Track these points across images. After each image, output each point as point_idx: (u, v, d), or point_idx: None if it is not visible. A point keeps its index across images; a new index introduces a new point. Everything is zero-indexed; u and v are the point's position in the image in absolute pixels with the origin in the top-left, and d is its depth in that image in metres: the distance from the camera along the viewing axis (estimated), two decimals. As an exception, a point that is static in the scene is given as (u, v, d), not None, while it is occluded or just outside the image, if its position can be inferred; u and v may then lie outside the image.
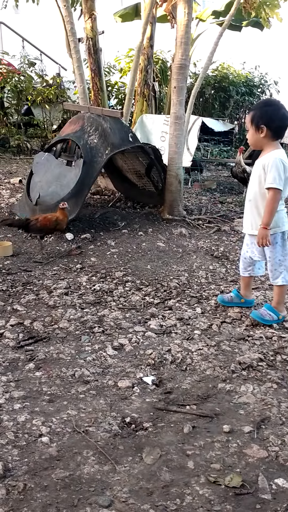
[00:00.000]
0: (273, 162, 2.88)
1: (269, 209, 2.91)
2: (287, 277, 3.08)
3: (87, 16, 6.80)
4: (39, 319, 3.15)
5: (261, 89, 12.69)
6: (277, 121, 2.90)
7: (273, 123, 2.89)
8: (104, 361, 2.66)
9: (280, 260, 3.06)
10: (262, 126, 2.89)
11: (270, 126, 2.89)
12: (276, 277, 3.09)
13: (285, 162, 2.90)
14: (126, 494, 1.74)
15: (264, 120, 2.89)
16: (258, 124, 2.91)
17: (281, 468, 1.88)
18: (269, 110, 2.91)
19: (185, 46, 5.30)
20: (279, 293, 3.13)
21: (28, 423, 2.12)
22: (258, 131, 2.92)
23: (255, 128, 2.93)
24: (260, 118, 2.90)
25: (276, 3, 7.23)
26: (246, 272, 3.27)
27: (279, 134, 2.95)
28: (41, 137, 10.33)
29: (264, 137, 2.92)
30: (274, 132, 2.92)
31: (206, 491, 1.76)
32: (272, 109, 2.92)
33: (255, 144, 3.03)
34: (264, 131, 2.90)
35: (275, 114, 2.89)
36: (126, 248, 4.59)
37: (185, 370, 2.59)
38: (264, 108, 2.93)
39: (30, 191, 5.19)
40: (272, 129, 2.90)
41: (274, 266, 3.08)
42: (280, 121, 2.90)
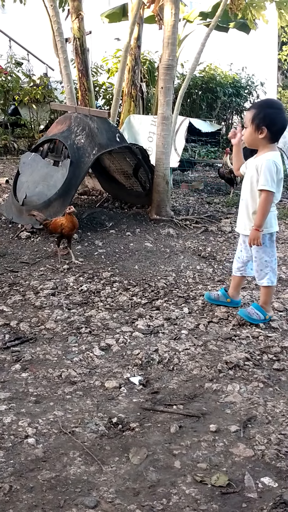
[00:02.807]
0: (266, 164, 2.88)
1: (261, 211, 2.93)
2: (272, 278, 3.10)
3: (74, 16, 6.77)
4: (25, 320, 3.13)
5: (248, 90, 12.74)
6: (279, 125, 2.90)
7: (274, 126, 2.89)
8: (91, 362, 2.66)
9: (267, 261, 3.08)
10: (263, 127, 2.88)
11: (270, 128, 2.89)
12: (262, 278, 3.11)
13: (279, 164, 2.91)
14: (112, 495, 1.74)
15: (266, 122, 2.88)
16: (259, 125, 2.89)
17: (267, 467, 1.89)
18: (272, 113, 2.90)
19: (172, 47, 5.31)
20: (265, 293, 3.15)
21: (14, 424, 2.11)
22: (257, 131, 2.91)
23: (255, 128, 2.91)
24: (262, 119, 2.88)
25: (262, 4, 7.27)
26: (238, 272, 3.28)
27: (277, 137, 2.97)
28: (28, 137, 10.28)
29: (263, 138, 2.92)
30: (273, 135, 2.92)
31: (193, 491, 1.76)
32: (275, 112, 2.91)
33: (251, 143, 3.01)
34: (264, 132, 2.89)
35: (277, 117, 2.89)
36: (113, 248, 4.58)
37: (172, 370, 2.59)
38: (267, 110, 2.91)
39: (17, 191, 5.16)
40: (272, 132, 2.90)
41: (260, 266, 3.10)
42: (281, 125, 2.92)
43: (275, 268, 3.12)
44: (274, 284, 3.15)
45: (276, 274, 3.14)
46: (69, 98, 6.13)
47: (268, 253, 3.08)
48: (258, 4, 7.23)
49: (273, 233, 3.07)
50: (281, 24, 8.07)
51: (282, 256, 4.56)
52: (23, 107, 10.22)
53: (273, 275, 3.11)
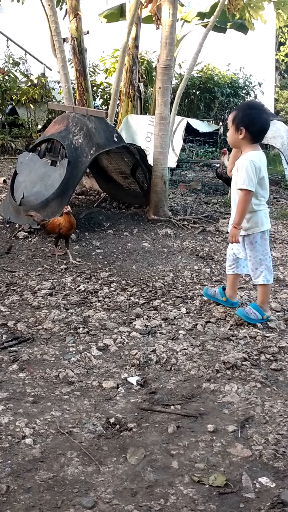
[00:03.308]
0: (243, 164, 2.93)
1: (239, 209, 2.96)
2: (268, 276, 3.11)
3: (72, 16, 6.76)
4: (23, 320, 3.13)
5: (245, 90, 12.76)
6: (258, 125, 2.94)
7: (253, 127, 2.93)
8: (89, 362, 2.65)
9: (261, 259, 3.10)
10: (242, 128, 2.93)
11: (249, 129, 2.93)
12: (257, 276, 3.12)
13: (258, 163, 2.93)
14: (110, 495, 1.74)
15: (245, 122, 2.92)
16: (238, 125, 2.94)
17: (265, 467, 1.89)
18: (251, 113, 2.94)
19: (170, 47, 5.31)
20: (262, 292, 3.15)
21: (11, 424, 2.10)
22: (237, 132, 2.96)
23: (235, 129, 2.97)
24: (241, 120, 2.93)
25: (260, 5, 7.28)
26: (231, 269, 3.29)
27: (258, 137, 3.00)
28: (25, 137, 10.27)
29: (243, 138, 2.96)
30: (253, 135, 2.95)
31: (190, 491, 1.76)
32: (255, 112, 2.95)
33: (233, 144, 3.07)
34: (243, 133, 2.93)
35: (257, 118, 2.93)
36: (111, 248, 4.58)
37: (170, 370, 2.59)
38: (247, 111, 2.97)
39: (14, 191, 5.15)
40: (251, 132, 2.94)
41: (255, 265, 3.11)
42: (261, 126, 2.95)
43: (270, 266, 3.13)
44: (270, 282, 3.15)
45: (271, 272, 3.14)
46: (66, 98, 6.13)
47: (261, 252, 3.09)
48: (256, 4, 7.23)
49: (264, 231, 3.09)
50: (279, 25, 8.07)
51: (280, 256, 4.57)
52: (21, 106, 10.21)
53: (268, 273, 3.11)
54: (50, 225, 4.18)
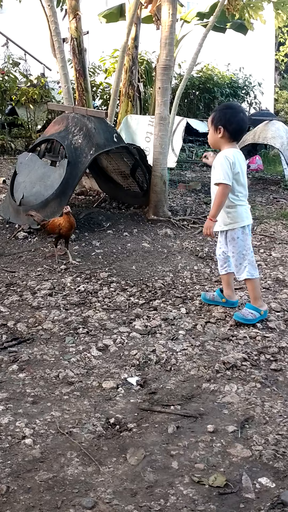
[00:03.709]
0: (217, 160, 3.06)
1: (216, 202, 3.07)
2: (251, 271, 3.13)
3: (71, 16, 6.76)
4: (22, 320, 3.13)
5: (245, 90, 12.77)
6: (234, 124, 3.05)
7: (231, 125, 3.05)
8: (89, 362, 2.66)
9: (244, 254, 3.13)
10: (220, 127, 3.05)
11: (227, 127, 3.05)
12: (241, 272, 3.16)
13: (232, 158, 3.02)
14: (110, 495, 1.74)
15: (223, 121, 3.06)
16: (216, 125, 3.06)
17: (265, 467, 1.89)
18: (228, 113, 3.07)
19: (169, 47, 5.31)
20: (251, 288, 3.19)
21: (11, 425, 2.11)
22: (216, 132, 3.08)
23: (214, 129, 3.09)
24: (219, 119, 3.07)
25: (259, 5, 7.28)
26: (223, 269, 3.32)
27: (236, 136, 3.11)
28: (25, 137, 10.26)
29: (221, 137, 3.08)
30: (231, 134, 3.07)
31: (190, 491, 1.76)
32: (231, 112, 3.09)
33: (213, 144, 3.18)
34: (221, 132, 3.06)
35: (233, 117, 3.06)
36: (111, 248, 4.58)
37: (170, 371, 2.59)
38: (224, 111, 3.11)
39: (14, 192, 5.15)
40: (229, 131, 3.05)
41: (238, 260, 3.15)
42: (237, 124, 3.06)
43: (252, 260, 3.16)
44: (255, 276, 3.16)
45: (255, 267, 3.17)
46: (66, 98, 6.13)
47: (243, 246, 3.14)
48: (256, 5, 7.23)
49: (245, 227, 3.14)
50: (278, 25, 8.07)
51: (280, 256, 4.57)
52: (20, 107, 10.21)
53: (252, 267, 3.14)
54: (50, 225, 4.18)
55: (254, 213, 6.18)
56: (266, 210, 6.48)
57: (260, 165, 9.86)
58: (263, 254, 4.62)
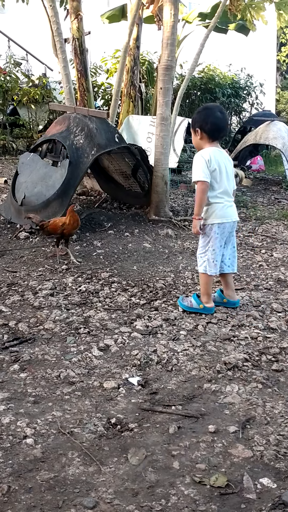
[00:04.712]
0: (194, 160, 3.15)
1: (196, 200, 3.14)
2: (208, 267, 3.19)
3: (73, 16, 6.76)
4: (24, 320, 3.13)
5: (247, 91, 12.75)
6: (210, 124, 3.11)
7: (207, 126, 3.11)
8: (90, 362, 2.66)
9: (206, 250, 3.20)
10: (197, 129, 3.14)
11: (203, 128, 3.12)
12: (200, 264, 3.25)
13: (207, 156, 3.07)
14: (111, 495, 1.74)
15: (199, 123, 3.14)
16: (194, 127, 3.15)
17: (266, 468, 1.89)
18: (203, 114, 3.15)
19: (171, 48, 5.31)
20: (201, 282, 3.28)
21: (13, 424, 2.11)
22: (195, 134, 3.17)
23: (193, 131, 3.18)
24: (196, 121, 3.15)
25: (261, 5, 7.26)
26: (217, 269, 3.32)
27: (214, 135, 3.16)
28: (26, 137, 10.26)
29: (201, 138, 3.16)
30: (208, 134, 3.14)
31: (191, 491, 1.76)
32: (206, 113, 3.16)
33: (196, 146, 3.27)
34: (199, 133, 3.13)
35: (208, 117, 3.12)
36: (112, 249, 4.58)
37: (171, 371, 2.59)
38: (200, 113, 3.20)
39: (16, 192, 5.15)
40: (206, 131, 3.12)
41: (200, 253, 3.26)
42: (213, 124, 3.12)
43: (211, 259, 3.18)
44: (210, 274, 3.20)
45: (213, 266, 3.19)
46: (68, 99, 6.13)
47: (207, 243, 3.19)
48: (257, 5, 7.22)
49: (214, 225, 3.16)
50: (280, 25, 8.06)
51: (281, 257, 4.57)
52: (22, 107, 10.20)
53: (209, 265, 3.18)
54: (52, 226, 4.17)
55: (256, 213, 6.18)
56: (268, 210, 6.48)
57: (261, 165, 9.86)
58: (264, 255, 4.62)
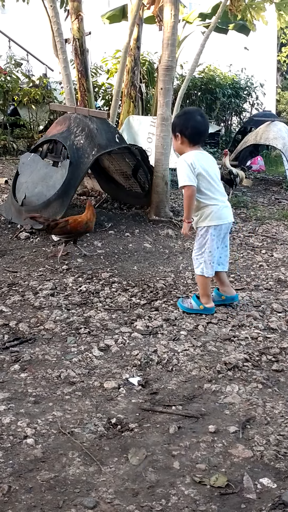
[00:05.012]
0: (177, 165, 3.13)
1: (184, 205, 3.18)
2: (205, 269, 3.20)
3: (73, 16, 6.76)
4: (24, 320, 3.13)
5: (247, 91, 12.74)
6: (190, 128, 3.12)
7: (186, 130, 3.12)
8: (90, 362, 2.66)
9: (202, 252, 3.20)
10: (177, 134, 3.15)
11: (184, 132, 3.13)
12: (197, 266, 3.26)
13: (190, 160, 3.08)
14: (111, 495, 1.74)
15: (179, 127, 3.15)
16: (174, 132, 3.17)
17: (266, 468, 1.89)
18: (183, 118, 3.17)
19: (171, 48, 5.31)
20: (199, 284, 3.29)
21: (13, 424, 2.11)
22: (176, 139, 3.19)
23: (174, 137, 3.20)
24: (176, 126, 3.18)
25: (262, 6, 7.27)
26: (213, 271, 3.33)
27: (195, 139, 3.17)
28: (27, 137, 10.26)
29: (182, 143, 3.17)
30: (189, 138, 3.14)
31: (192, 491, 1.77)
32: (186, 117, 3.18)
33: (178, 150, 3.29)
34: (179, 138, 3.15)
35: (187, 121, 3.13)
36: (112, 249, 4.59)
37: (171, 371, 2.59)
38: (179, 117, 3.23)
39: (16, 192, 5.16)
40: (186, 135, 3.13)
41: (196, 255, 3.27)
42: (193, 128, 3.13)
43: (208, 261, 3.19)
44: (207, 275, 3.21)
45: (210, 268, 3.20)
46: (68, 99, 6.13)
47: (203, 245, 3.20)
48: (258, 6, 7.23)
49: (209, 227, 3.17)
50: (281, 26, 8.07)
51: (281, 257, 4.57)
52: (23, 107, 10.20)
53: (206, 266, 3.19)
54: (74, 224, 4.08)
55: (256, 213, 6.18)
56: (268, 211, 6.48)
57: (262, 166, 9.86)
58: (264, 255, 4.62)
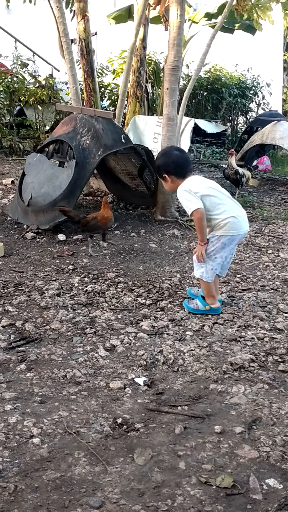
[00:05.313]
0: (178, 196, 3.18)
1: (197, 229, 3.20)
2: (204, 275, 3.21)
3: (79, 17, 6.77)
4: (30, 320, 3.14)
5: (253, 91, 12.71)
6: (171, 164, 3.18)
7: (169, 167, 3.18)
8: (96, 362, 2.66)
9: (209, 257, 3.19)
10: (164, 176, 3.20)
11: (169, 172, 3.19)
12: (196, 269, 3.27)
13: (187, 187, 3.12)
14: (117, 495, 1.74)
15: (163, 169, 3.20)
16: (161, 175, 3.26)
17: (272, 469, 1.88)
18: (163, 159, 3.23)
19: (177, 48, 5.31)
20: (203, 286, 3.29)
21: (19, 424, 2.12)
22: (165, 181, 3.23)
23: (163, 180, 3.25)
24: (159, 168, 3.26)
25: (268, 5, 7.25)
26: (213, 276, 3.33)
27: (182, 172, 3.20)
28: (33, 138, 10.28)
29: (172, 182, 3.21)
30: (175, 173, 3.19)
31: (197, 492, 1.76)
32: (165, 157, 3.24)
33: (171, 190, 3.32)
34: (168, 178, 3.19)
35: (168, 160, 3.20)
36: (118, 249, 4.59)
37: (177, 371, 2.59)
38: (159, 160, 3.27)
39: (22, 192, 5.17)
40: (172, 173, 3.18)
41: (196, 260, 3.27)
42: (174, 163, 3.19)
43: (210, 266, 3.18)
44: (206, 280, 3.21)
45: (210, 273, 3.20)
46: (74, 99, 6.14)
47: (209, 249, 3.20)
48: (264, 5, 7.20)
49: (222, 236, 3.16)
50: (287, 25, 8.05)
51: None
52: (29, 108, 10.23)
53: (206, 271, 3.20)
54: (103, 221, 4.41)
55: (262, 213, 6.17)
56: (275, 211, 6.46)
57: (268, 165, 9.84)
58: (271, 255, 4.61)
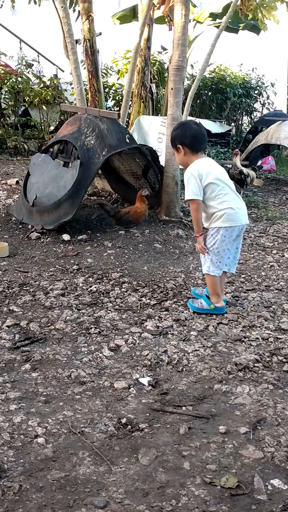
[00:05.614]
0: (185, 177, 3.14)
1: (193, 219, 3.19)
2: (212, 268, 3.20)
3: (84, 17, 6.78)
4: (35, 320, 3.15)
5: (258, 91, 12.69)
6: (189, 136, 3.14)
7: (186, 139, 3.15)
8: (100, 362, 2.66)
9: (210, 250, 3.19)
10: (179, 146, 3.17)
11: (184, 143, 3.15)
12: (203, 265, 3.27)
13: (196, 171, 3.08)
14: (121, 495, 1.74)
15: (178, 140, 3.16)
16: (175, 145, 3.18)
17: (277, 469, 1.88)
18: (180, 130, 3.20)
19: (182, 48, 5.31)
20: (208, 283, 3.29)
21: (24, 424, 2.12)
22: (178, 152, 3.20)
23: (175, 150, 3.21)
24: (175, 139, 3.19)
25: (273, 5, 7.23)
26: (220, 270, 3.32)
27: (197, 146, 3.18)
28: (38, 138, 10.30)
29: (184, 154, 3.18)
30: (190, 147, 3.16)
31: (202, 492, 1.76)
32: (183, 127, 3.22)
33: (182, 164, 3.29)
34: (181, 149, 3.16)
35: (185, 131, 3.17)
36: (122, 249, 4.59)
37: (181, 371, 2.59)
38: (176, 130, 3.22)
39: (27, 192, 5.18)
40: (187, 145, 3.15)
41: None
42: (192, 136, 3.16)
43: (215, 260, 3.18)
44: (213, 274, 3.20)
45: (216, 267, 3.19)
46: (79, 99, 6.15)
47: (210, 243, 3.20)
48: (269, 5, 7.19)
49: (220, 228, 3.14)
50: (292, 25, 8.02)
51: (292, 257, 4.54)
52: (33, 108, 10.25)
53: (213, 266, 3.19)
54: (136, 215, 4.56)
55: (267, 213, 6.15)
56: (279, 211, 6.44)
57: (272, 165, 9.82)
58: (276, 255, 4.60)
